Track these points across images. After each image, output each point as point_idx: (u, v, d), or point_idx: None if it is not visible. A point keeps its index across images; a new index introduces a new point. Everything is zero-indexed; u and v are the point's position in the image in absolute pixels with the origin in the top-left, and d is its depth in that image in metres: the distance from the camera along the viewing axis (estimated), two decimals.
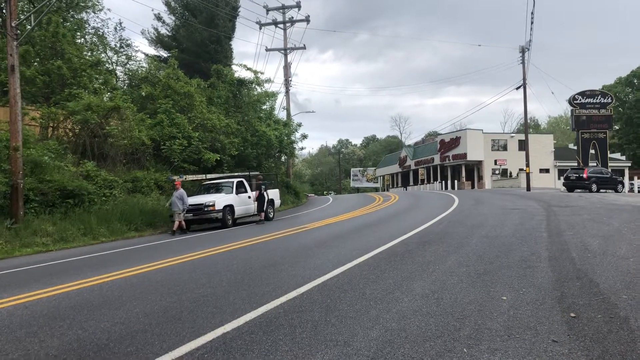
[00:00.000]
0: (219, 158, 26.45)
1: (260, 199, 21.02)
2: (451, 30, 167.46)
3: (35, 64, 24.21)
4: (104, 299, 6.99)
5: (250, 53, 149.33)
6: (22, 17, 18.34)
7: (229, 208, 20.02)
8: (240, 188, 21.42)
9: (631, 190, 35.57)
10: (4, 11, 21.45)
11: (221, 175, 25.27)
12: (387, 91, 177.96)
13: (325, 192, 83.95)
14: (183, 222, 18.79)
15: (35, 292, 7.89)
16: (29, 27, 19.11)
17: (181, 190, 18.93)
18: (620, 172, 53.65)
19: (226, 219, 19.59)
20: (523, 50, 37.60)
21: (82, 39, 29.16)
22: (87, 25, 29.66)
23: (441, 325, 4.93)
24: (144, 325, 5.47)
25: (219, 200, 19.56)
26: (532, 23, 34.40)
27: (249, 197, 21.59)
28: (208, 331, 5.08)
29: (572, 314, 5.13)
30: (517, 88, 38.49)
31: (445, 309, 5.49)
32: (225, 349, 4.55)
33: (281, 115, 40.48)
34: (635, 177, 43.19)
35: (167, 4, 41.58)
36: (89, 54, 27.07)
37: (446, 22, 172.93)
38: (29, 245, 15.46)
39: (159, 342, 4.84)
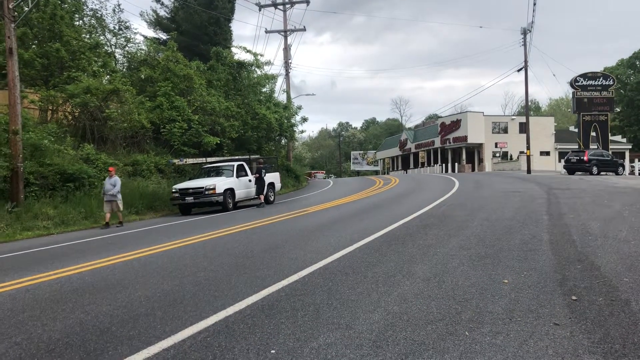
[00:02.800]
0: (219, 141, 26.38)
1: (259, 182, 20.98)
2: (449, 12, 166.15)
3: (34, 46, 24.03)
4: (106, 283, 7.00)
5: (249, 35, 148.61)
6: None
7: (230, 191, 20.02)
8: (241, 171, 21.39)
9: (632, 172, 35.56)
10: None
11: (222, 158, 25.23)
12: (385, 74, 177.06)
13: (325, 176, 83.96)
14: (120, 213, 16.70)
15: (37, 275, 7.91)
16: (26, 9, 18.93)
17: (115, 177, 16.67)
18: (621, 155, 53.54)
19: (227, 203, 19.60)
20: (525, 32, 37.33)
21: (81, 21, 28.88)
22: (85, 7, 29.29)
23: (443, 309, 4.94)
24: (146, 309, 5.49)
25: (220, 183, 19.54)
26: (534, 4, 34.11)
27: (250, 181, 21.58)
28: (210, 314, 5.09)
29: (574, 297, 5.13)
30: (519, 70, 38.34)
31: (447, 292, 5.50)
32: (227, 332, 4.56)
33: (281, 97, 40.29)
34: (636, 160, 43.13)
35: None
36: (88, 36, 26.88)
37: (444, 4, 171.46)
38: (30, 228, 15.49)
39: (161, 326, 4.85)
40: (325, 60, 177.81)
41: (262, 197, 21.02)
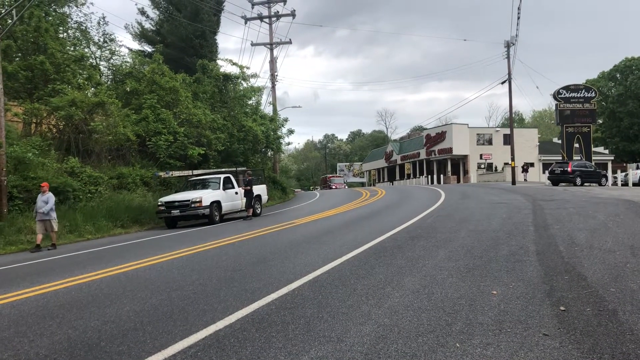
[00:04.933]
0: (203, 151, 26.27)
1: (248, 194, 20.92)
2: (430, 26, 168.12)
3: (17, 59, 23.83)
4: (93, 297, 6.92)
5: (235, 48, 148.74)
6: (2, 11, 18.03)
7: (216, 204, 19.94)
8: (227, 184, 21.32)
9: (614, 183, 35.99)
10: None
11: (208, 171, 25.14)
12: (369, 86, 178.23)
13: (311, 187, 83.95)
14: (54, 234, 15.18)
15: (23, 290, 7.80)
16: (10, 21, 18.80)
17: (49, 194, 15.10)
18: (604, 166, 54.33)
19: (213, 215, 19.51)
20: (508, 45, 37.79)
21: (65, 34, 28.72)
22: (69, 20, 29.15)
23: (433, 320, 4.96)
24: (135, 324, 5.43)
25: (206, 196, 19.45)
26: (518, 18, 34.62)
27: (236, 193, 21.51)
28: (200, 329, 5.05)
29: (562, 308, 5.18)
30: (502, 83, 38.71)
31: (437, 304, 5.53)
32: (218, 346, 4.53)
33: (267, 110, 40.30)
34: (619, 171, 43.75)
35: None
36: (72, 48, 26.68)
37: (425, 18, 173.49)
38: (14, 243, 15.29)
39: (150, 341, 4.80)
40: (309, 73, 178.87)
41: (250, 210, 20.95)
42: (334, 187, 65.51)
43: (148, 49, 40.07)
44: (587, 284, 6.09)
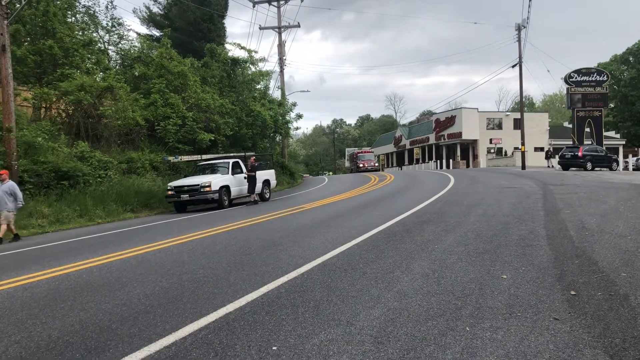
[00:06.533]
0: (213, 137, 26.32)
1: (251, 180, 20.76)
2: (437, 10, 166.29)
3: (26, 43, 23.86)
4: (104, 281, 6.98)
5: (243, 32, 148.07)
6: None
7: (225, 189, 19.98)
8: (236, 169, 21.32)
9: (626, 168, 35.69)
10: None
11: (217, 155, 25.17)
12: (377, 70, 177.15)
13: (320, 173, 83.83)
14: (13, 226, 13.71)
15: (34, 273, 7.87)
16: (19, 5, 18.80)
17: (10, 183, 13.75)
18: (615, 150, 53.79)
19: (222, 200, 19.56)
20: (519, 28, 37.33)
21: (73, 18, 28.67)
22: (77, 4, 29.05)
23: (442, 304, 4.96)
24: (146, 307, 5.47)
25: (215, 181, 19.50)
26: (530, 0, 34.13)
27: (245, 178, 21.53)
28: (210, 312, 5.08)
29: (572, 292, 5.16)
30: (513, 66, 38.33)
31: (446, 288, 5.52)
32: (228, 329, 4.56)
33: (275, 94, 40.17)
34: (630, 155, 43.34)
35: None
36: (81, 33, 26.66)
37: (432, 2, 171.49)
38: (25, 227, 15.41)
39: (161, 323, 4.84)
40: (316, 57, 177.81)
41: (253, 196, 20.89)
42: (361, 165, 58.34)
43: (156, 33, 39.97)
44: (598, 269, 6.05)
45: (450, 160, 58.05)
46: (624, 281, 5.50)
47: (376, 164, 61.77)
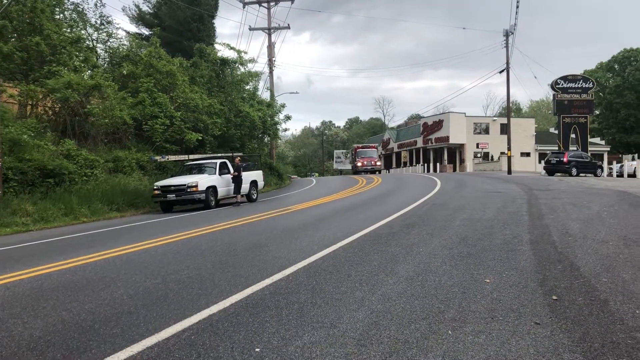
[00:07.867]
0: (200, 137, 26.22)
1: (237, 180, 20.70)
2: (426, 14, 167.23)
3: (13, 39, 23.59)
4: (87, 280, 6.93)
5: (232, 33, 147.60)
6: None
7: (212, 189, 19.92)
8: (223, 169, 21.27)
9: (610, 174, 36.14)
10: None
11: (204, 155, 25.08)
12: (365, 73, 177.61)
13: (308, 174, 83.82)
14: None
15: (17, 272, 7.80)
16: (5, 1, 18.61)
17: None
18: (600, 157, 54.46)
19: (209, 200, 19.50)
20: (507, 34, 37.68)
21: (61, 15, 28.38)
22: (66, 1, 28.81)
23: (426, 307, 4.99)
24: (129, 307, 5.45)
25: (202, 181, 19.43)
26: (517, 7, 34.48)
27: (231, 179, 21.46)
28: (194, 313, 5.07)
29: (554, 297, 5.22)
30: (501, 72, 38.69)
31: (430, 291, 5.55)
32: (212, 330, 4.55)
33: (264, 95, 40.13)
34: (614, 162, 43.90)
35: None
36: (69, 30, 26.42)
37: (421, 6, 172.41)
38: (8, 225, 15.25)
39: (144, 324, 4.82)
40: (305, 59, 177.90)
41: (238, 197, 20.82)
42: (359, 164, 54.92)
43: (145, 32, 39.80)
44: (580, 274, 6.13)
45: (438, 164, 58.37)
46: (605, 287, 5.57)
47: (378, 163, 58.19)
